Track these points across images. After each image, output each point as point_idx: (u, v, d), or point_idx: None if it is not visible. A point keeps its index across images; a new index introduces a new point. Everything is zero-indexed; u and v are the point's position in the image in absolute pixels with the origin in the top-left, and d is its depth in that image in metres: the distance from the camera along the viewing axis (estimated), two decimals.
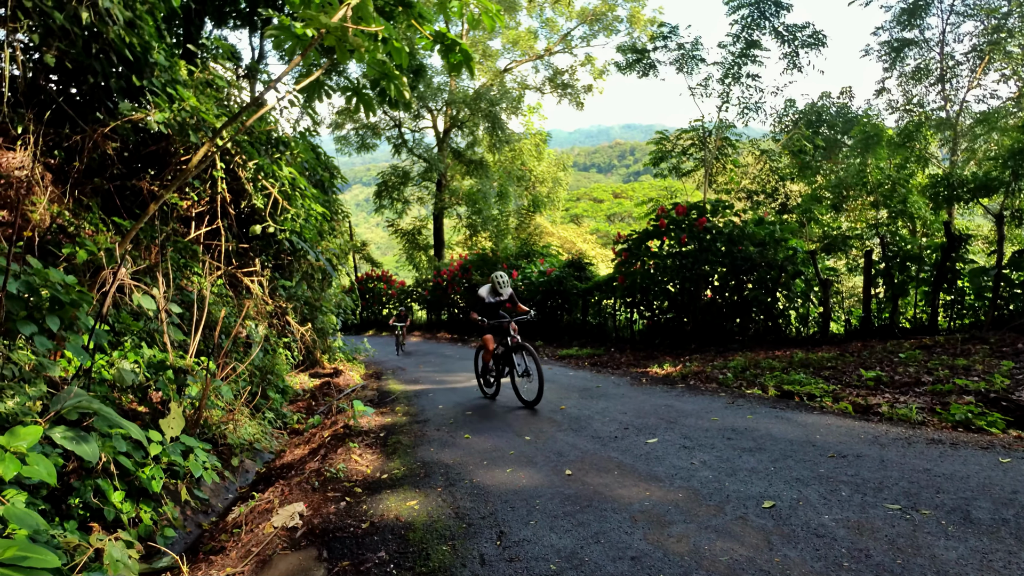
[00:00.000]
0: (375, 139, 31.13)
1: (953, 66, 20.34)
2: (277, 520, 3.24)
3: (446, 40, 4.51)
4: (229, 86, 8.33)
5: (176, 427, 3.64)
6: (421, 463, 4.33)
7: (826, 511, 2.95)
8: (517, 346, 6.52)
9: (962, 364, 6.32)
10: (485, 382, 7.31)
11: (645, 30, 27.06)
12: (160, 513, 3.45)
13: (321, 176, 10.16)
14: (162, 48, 6.06)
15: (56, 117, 5.42)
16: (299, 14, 3.71)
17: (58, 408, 2.58)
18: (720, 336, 11.30)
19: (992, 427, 4.40)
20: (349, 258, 28.50)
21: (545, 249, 21.36)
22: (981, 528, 2.66)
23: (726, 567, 2.44)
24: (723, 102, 17.83)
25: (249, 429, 5.11)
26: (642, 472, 3.81)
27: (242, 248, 7.49)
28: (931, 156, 16.99)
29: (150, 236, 5.65)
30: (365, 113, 4.64)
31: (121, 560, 2.42)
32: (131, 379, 3.77)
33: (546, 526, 2.97)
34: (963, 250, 9.09)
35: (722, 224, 11.45)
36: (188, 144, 6.08)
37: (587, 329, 15.21)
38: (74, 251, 4.18)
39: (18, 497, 2.36)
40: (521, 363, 6.55)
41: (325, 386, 8.42)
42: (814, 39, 16.81)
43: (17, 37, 4.86)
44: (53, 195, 5.08)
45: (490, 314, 7.04)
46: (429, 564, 2.61)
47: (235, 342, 6.26)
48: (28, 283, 3.00)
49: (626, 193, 51.17)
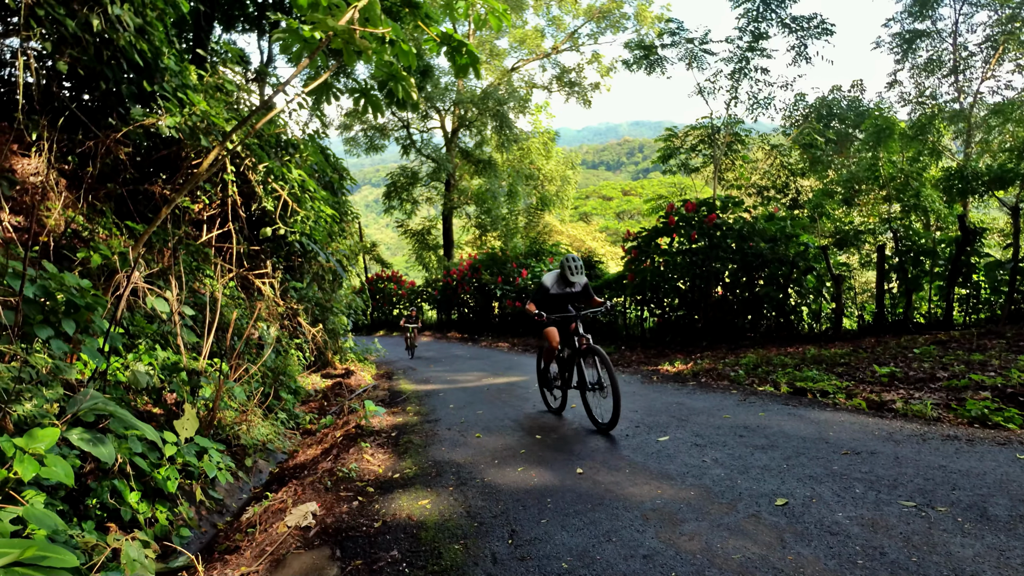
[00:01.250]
0: (384, 140, 31.28)
1: (966, 57, 20.07)
2: (291, 520, 3.27)
3: (452, 42, 4.52)
4: (239, 90, 8.41)
5: (190, 428, 3.69)
6: (432, 462, 4.34)
7: (840, 508, 2.93)
8: (588, 350, 5.12)
9: (978, 359, 6.24)
10: (549, 391, 6.09)
11: (652, 27, 26.96)
12: (176, 513, 3.49)
13: (331, 178, 10.22)
14: (172, 53, 6.13)
15: (69, 123, 5.50)
16: (306, 17, 3.74)
17: (74, 410, 2.62)
18: (731, 333, 11.23)
19: (1009, 423, 4.34)
20: (359, 259, 28.67)
21: (555, 248, 21.34)
22: (998, 525, 2.62)
23: (739, 565, 2.43)
24: (731, 97, 17.73)
25: (262, 430, 5.16)
26: (653, 470, 3.80)
27: (253, 250, 7.55)
28: (944, 149, 16.77)
29: (163, 239, 5.71)
30: (373, 114, 4.65)
31: (138, 560, 2.45)
32: (145, 381, 3.82)
33: (558, 525, 2.97)
34: (978, 244, 8.97)
35: (732, 220, 11.38)
36: (199, 148, 6.14)
37: (597, 327, 15.19)
38: (88, 255, 4.23)
39: (37, 498, 2.40)
40: (592, 373, 5.16)
41: (337, 386, 8.47)
42: (822, 29, 16.66)
43: (30, 45, 4.93)
44: (67, 200, 5.16)
45: (556, 309, 5.68)
46: (441, 563, 2.62)
47: (247, 344, 6.31)
48: (44, 287, 3.05)
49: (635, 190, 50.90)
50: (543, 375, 6.08)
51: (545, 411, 6.15)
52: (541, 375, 6.14)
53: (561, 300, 5.65)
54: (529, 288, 17.68)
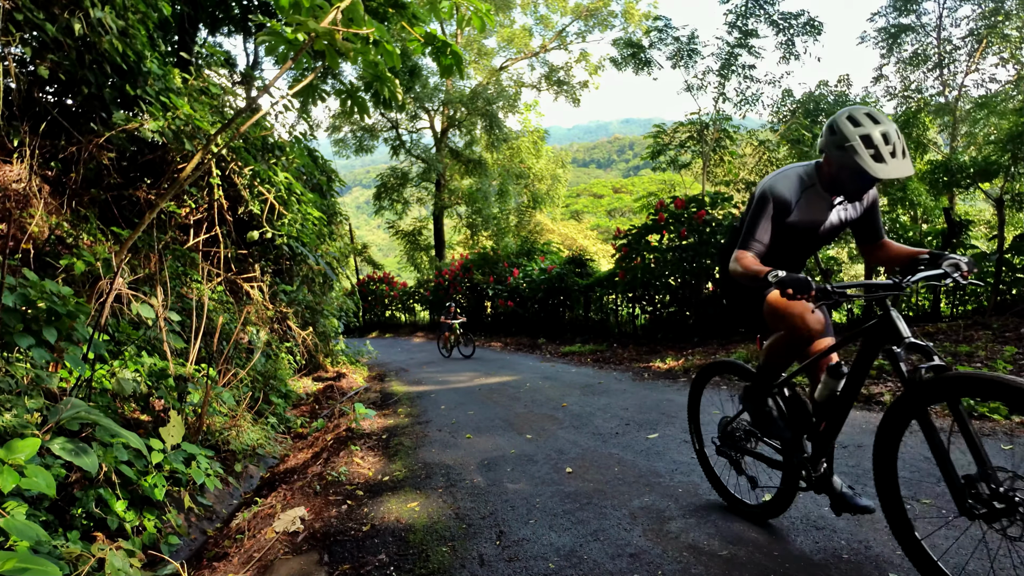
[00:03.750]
0: (373, 141, 31.17)
1: (951, 51, 20.25)
2: (279, 525, 3.26)
3: (437, 42, 4.51)
4: (224, 93, 8.35)
5: (176, 435, 3.66)
6: (422, 464, 4.34)
7: (826, 503, 2.95)
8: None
9: (965, 351, 6.30)
10: (740, 486, 3.06)
11: (640, 25, 27.00)
12: (164, 521, 3.46)
13: (319, 180, 10.18)
14: (155, 57, 6.07)
15: (52, 129, 5.44)
16: (288, 19, 3.72)
17: (56, 420, 2.59)
18: (722, 329, 11.28)
19: (995, 414, 4.38)
20: (350, 261, 28.59)
21: (546, 246, 21.35)
22: None
23: (725, 563, 2.44)
24: (719, 94, 17.81)
25: (252, 435, 5.13)
26: (642, 468, 3.81)
27: (241, 254, 7.50)
28: (930, 142, 16.91)
29: (148, 245, 5.67)
30: (360, 116, 4.64)
31: (123, 569, 2.43)
32: (131, 388, 3.79)
33: (545, 525, 2.98)
34: (964, 236, 9.06)
35: (721, 216, 11.42)
36: (184, 152, 6.09)
37: (589, 325, 15.21)
38: (72, 262, 4.19)
39: (19, 509, 2.38)
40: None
41: (328, 389, 8.44)
42: (810, 27, 16.77)
43: (10, 51, 4.88)
44: (51, 207, 5.10)
45: (793, 257, 2.65)
46: (428, 565, 2.62)
47: (236, 348, 6.28)
48: (24, 295, 3.01)
49: (626, 188, 51.09)
50: (764, 415, 2.70)
51: (546, 413, 6.09)
52: (760, 416, 2.71)
53: (812, 237, 2.55)
54: (522, 288, 17.58)
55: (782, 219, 2.44)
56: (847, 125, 2.20)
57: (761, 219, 2.42)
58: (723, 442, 3.04)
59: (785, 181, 2.45)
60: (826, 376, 2.41)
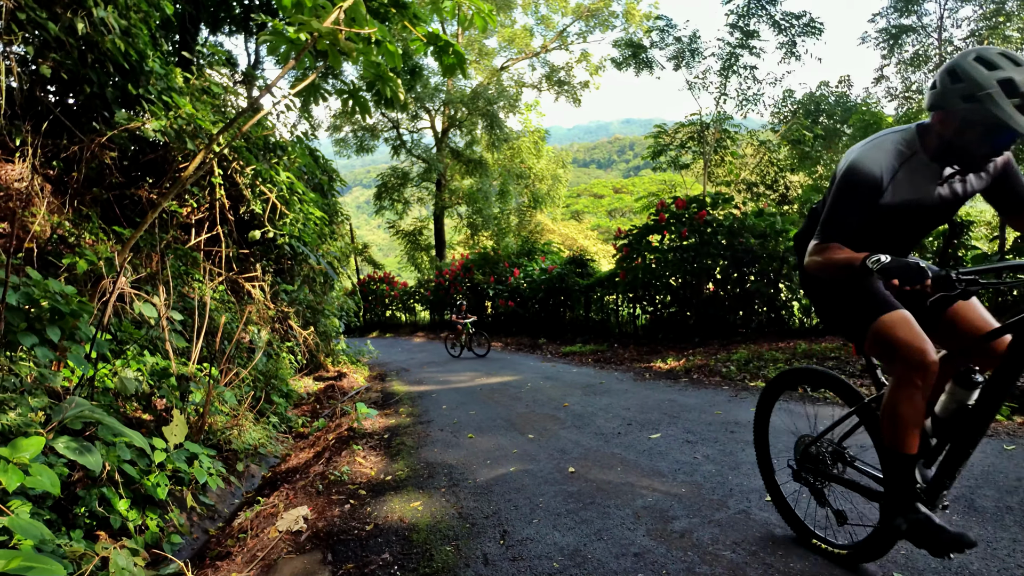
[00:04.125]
0: (374, 141, 31.17)
1: (952, 51, 20.26)
2: (282, 524, 3.26)
3: (439, 42, 4.51)
4: (226, 92, 8.36)
5: (179, 434, 3.66)
6: (425, 464, 4.34)
7: None
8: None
9: None
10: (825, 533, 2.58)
11: (641, 25, 27.00)
12: (167, 520, 3.46)
13: (320, 179, 10.18)
14: (157, 56, 6.07)
15: (54, 128, 5.44)
16: (291, 18, 3.72)
17: (60, 419, 2.59)
18: (723, 329, 11.28)
19: (997, 414, 4.38)
20: (351, 260, 28.56)
21: (546, 247, 21.34)
22: (985, 516, 2.65)
23: (729, 562, 2.44)
24: (720, 94, 17.81)
25: (254, 434, 5.13)
26: (645, 468, 3.81)
27: (243, 253, 7.51)
28: None
29: (150, 244, 5.67)
30: (361, 115, 4.64)
31: (127, 568, 2.43)
32: (134, 387, 3.79)
33: (549, 524, 2.98)
34: (965, 236, 9.04)
35: (722, 217, 11.42)
36: (186, 151, 6.09)
37: (590, 325, 15.21)
38: (74, 261, 4.20)
39: (23, 508, 2.38)
40: None
41: (329, 389, 8.44)
42: (811, 27, 16.78)
43: (12, 50, 4.87)
44: (53, 206, 5.10)
45: (893, 242, 2.14)
46: (433, 565, 2.61)
47: (238, 347, 6.27)
48: (27, 294, 3.01)
49: (626, 188, 51.11)
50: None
51: (547, 413, 6.09)
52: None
53: (917, 218, 2.08)
54: (522, 288, 17.57)
55: (874, 200, 1.96)
56: (978, 69, 1.71)
57: (846, 201, 1.96)
58: (801, 466, 2.56)
59: (876, 152, 1.96)
60: (952, 385, 2.00)
